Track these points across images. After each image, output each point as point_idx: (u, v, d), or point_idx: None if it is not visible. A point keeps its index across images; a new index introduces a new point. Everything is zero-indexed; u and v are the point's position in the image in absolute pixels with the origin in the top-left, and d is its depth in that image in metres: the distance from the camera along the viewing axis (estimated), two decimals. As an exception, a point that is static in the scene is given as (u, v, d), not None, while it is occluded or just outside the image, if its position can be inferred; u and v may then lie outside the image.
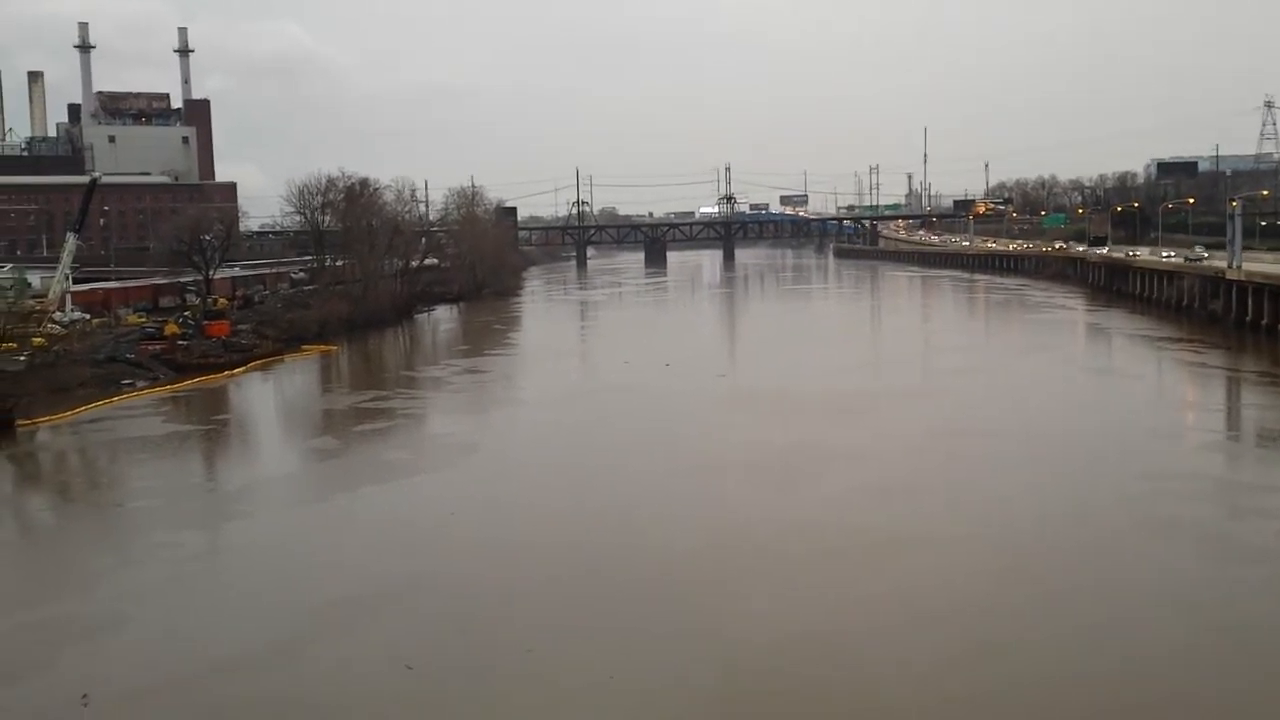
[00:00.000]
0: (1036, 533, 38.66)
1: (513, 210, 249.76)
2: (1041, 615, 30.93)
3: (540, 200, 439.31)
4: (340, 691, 27.37)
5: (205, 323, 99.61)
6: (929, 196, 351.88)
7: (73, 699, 26.70)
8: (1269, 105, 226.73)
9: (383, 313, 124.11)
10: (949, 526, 39.51)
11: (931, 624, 30.30)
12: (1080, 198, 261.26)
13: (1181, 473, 46.57)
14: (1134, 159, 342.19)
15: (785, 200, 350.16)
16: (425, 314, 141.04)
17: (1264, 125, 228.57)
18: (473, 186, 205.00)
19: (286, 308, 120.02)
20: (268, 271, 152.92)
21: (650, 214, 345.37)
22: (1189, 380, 75.58)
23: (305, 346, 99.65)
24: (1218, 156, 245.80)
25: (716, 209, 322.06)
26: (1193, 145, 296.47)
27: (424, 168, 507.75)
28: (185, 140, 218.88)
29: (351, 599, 33.61)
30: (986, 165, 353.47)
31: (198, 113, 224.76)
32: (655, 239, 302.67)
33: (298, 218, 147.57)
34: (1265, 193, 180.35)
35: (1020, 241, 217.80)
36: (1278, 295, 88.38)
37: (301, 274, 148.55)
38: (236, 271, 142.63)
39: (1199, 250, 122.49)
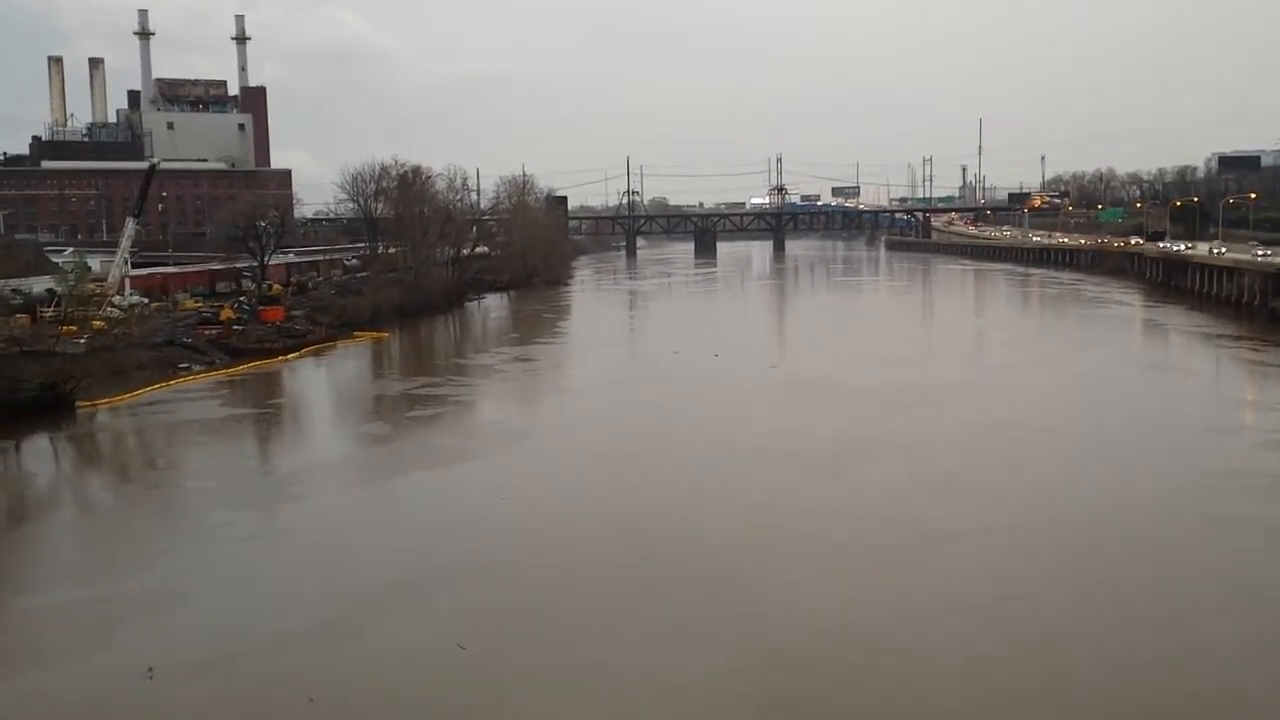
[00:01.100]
0: (1089, 526, 38.31)
1: (563, 199, 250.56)
2: (1093, 609, 30.70)
3: (591, 190, 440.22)
4: (395, 668, 27.73)
5: (260, 308, 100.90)
6: (983, 189, 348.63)
7: (138, 671, 27.28)
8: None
9: (434, 300, 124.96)
10: (1001, 518, 39.23)
11: (980, 615, 30.22)
12: (1138, 192, 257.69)
13: (1240, 470, 45.86)
14: (1195, 153, 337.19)
15: (837, 191, 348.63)
16: (476, 302, 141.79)
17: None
18: (524, 175, 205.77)
19: (340, 294, 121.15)
20: (321, 258, 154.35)
21: (700, 204, 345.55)
22: (1248, 378, 74.34)
23: (358, 333, 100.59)
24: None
25: (767, 200, 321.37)
26: (1257, 139, 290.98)
27: (476, 156, 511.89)
28: (241, 127, 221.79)
29: (405, 580, 34.14)
30: (1043, 157, 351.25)
31: (254, 100, 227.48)
32: (705, 229, 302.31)
33: (351, 205, 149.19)
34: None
35: (1076, 236, 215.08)
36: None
37: (355, 261, 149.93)
38: (291, 258, 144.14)
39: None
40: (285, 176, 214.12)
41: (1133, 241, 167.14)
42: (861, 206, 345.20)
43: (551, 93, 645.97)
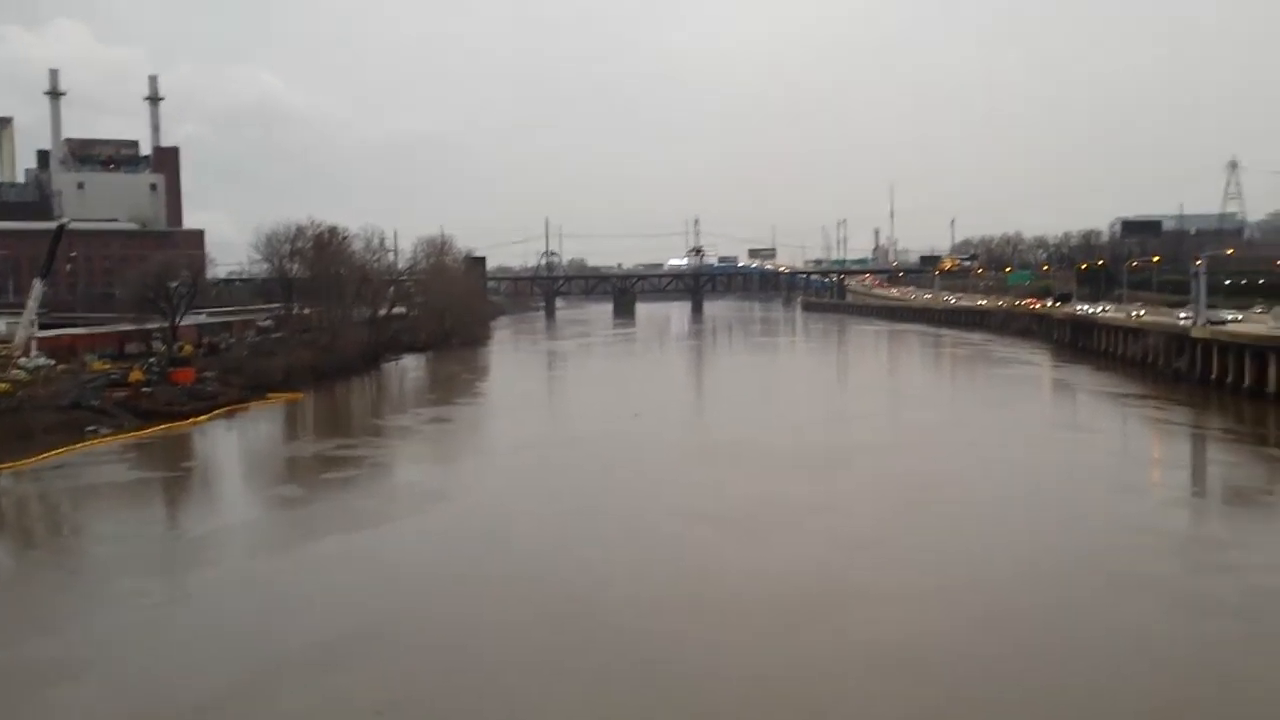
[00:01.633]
0: (1003, 586, 38.91)
1: (482, 260, 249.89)
2: (1008, 667, 31.15)
3: (509, 250, 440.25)
4: None
5: (170, 370, 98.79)
6: (895, 252, 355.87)
7: None
8: (1233, 166, 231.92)
9: (350, 361, 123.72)
10: (916, 579, 39.63)
11: (899, 674, 30.45)
12: (1045, 255, 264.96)
13: (1147, 528, 46.98)
14: (1099, 217, 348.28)
15: (753, 253, 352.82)
16: (393, 363, 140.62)
17: (1228, 185, 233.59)
18: (442, 236, 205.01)
19: (252, 355, 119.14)
20: (234, 319, 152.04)
21: (619, 265, 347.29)
22: (1153, 436, 76.44)
23: (271, 394, 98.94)
24: (1182, 215, 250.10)
25: (685, 261, 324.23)
26: (1157, 205, 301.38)
27: (395, 216, 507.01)
28: (153, 187, 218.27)
29: (320, 644, 33.47)
30: (953, 221, 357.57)
31: (166, 160, 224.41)
32: (624, 290, 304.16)
33: (265, 265, 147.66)
34: (1230, 251, 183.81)
35: (990, 298, 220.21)
36: (1242, 354, 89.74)
37: (269, 322, 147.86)
38: (203, 319, 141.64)
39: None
40: (198, 236, 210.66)
41: (1049, 304, 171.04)
42: (778, 268, 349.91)
43: (471, 154, 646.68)
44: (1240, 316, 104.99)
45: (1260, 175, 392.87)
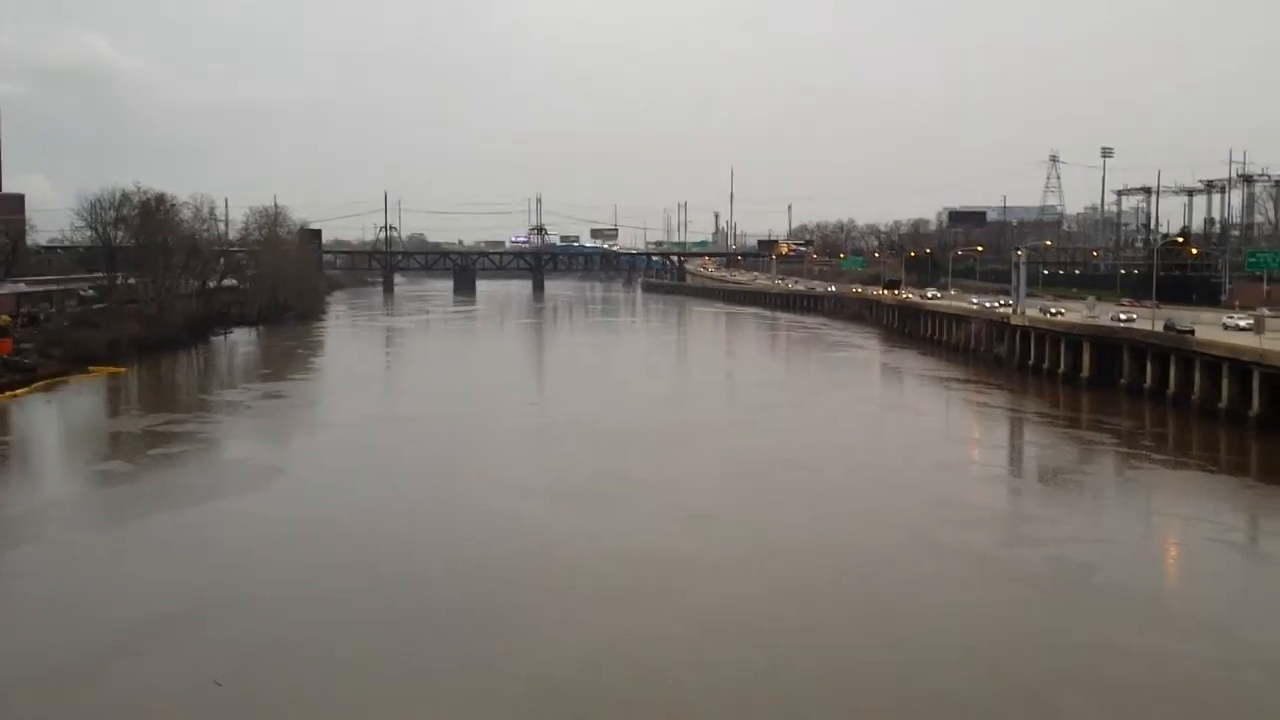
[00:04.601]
0: (831, 557, 40.58)
1: (317, 233, 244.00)
2: (833, 632, 32.71)
3: (348, 224, 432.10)
4: (151, 706, 26.98)
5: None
6: (735, 235, 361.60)
7: None
8: (1054, 160, 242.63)
9: (177, 334, 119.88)
10: (749, 550, 41.02)
11: (735, 644, 31.48)
12: (877, 242, 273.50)
13: (964, 503, 49.45)
14: (928, 207, 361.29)
15: (596, 233, 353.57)
16: (223, 336, 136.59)
17: (1048, 179, 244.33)
18: (276, 206, 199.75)
19: (74, 326, 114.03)
20: (56, 288, 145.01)
21: (460, 242, 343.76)
22: (973, 418, 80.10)
23: (94, 368, 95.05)
24: (1005, 207, 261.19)
25: (527, 239, 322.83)
26: (983, 196, 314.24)
27: (229, 186, 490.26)
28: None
29: (150, 621, 32.83)
30: (789, 207, 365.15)
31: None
32: (465, 267, 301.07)
33: (89, 233, 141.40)
34: (1048, 242, 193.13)
35: (821, 283, 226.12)
36: (1058, 341, 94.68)
37: (91, 292, 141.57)
38: (21, 287, 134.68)
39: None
40: (17, 201, 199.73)
41: (899, 293, 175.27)
42: (619, 249, 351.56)
43: (309, 124, 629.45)
44: (1063, 312, 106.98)
45: (1080, 170, 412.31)
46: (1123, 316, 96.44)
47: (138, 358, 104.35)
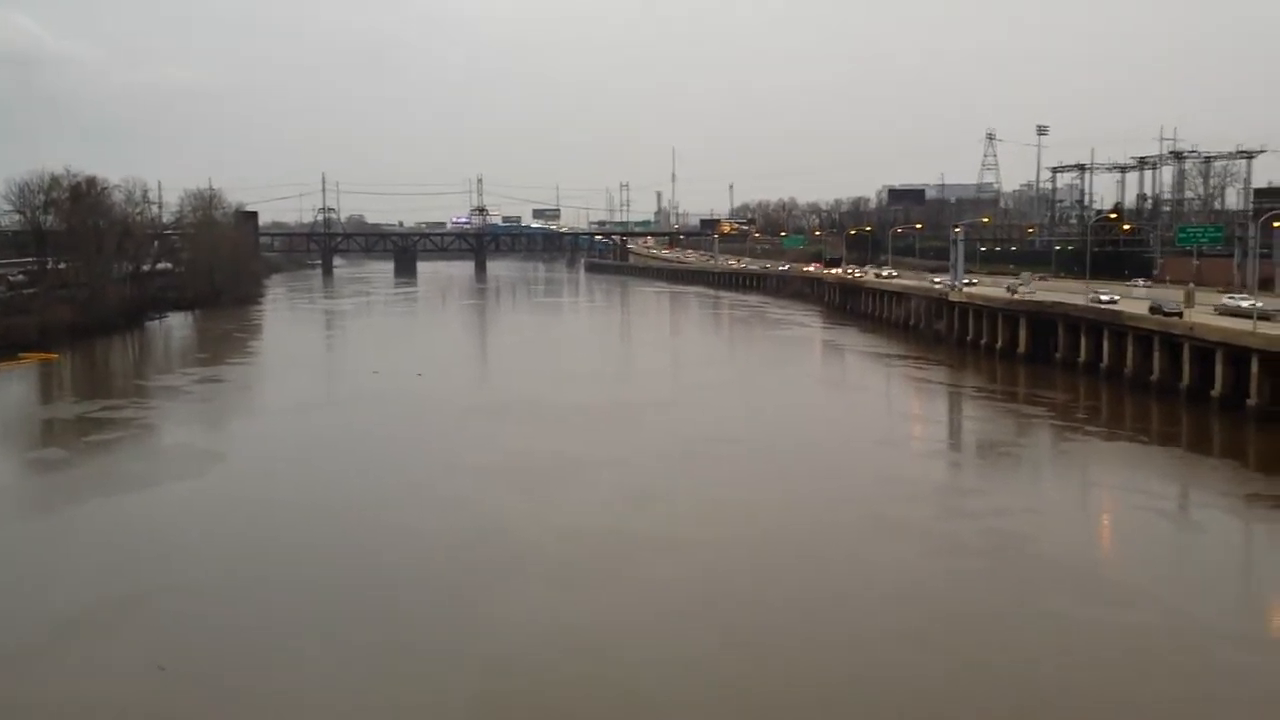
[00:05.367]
0: (775, 534, 40.88)
1: (254, 215, 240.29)
2: (780, 607, 32.96)
3: (285, 205, 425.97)
4: (93, 688, 27.04)
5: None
6: (677, 215, 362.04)
7: None
8: (990, 138, 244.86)
9: (111, 319, 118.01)
10: (698, 528, 41.20)
11: (684, 620, 31.73)
12: (818, 220, 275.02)
13: (904, 478, 50.04)
14: (868, 185, 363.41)
15: (538, 214, 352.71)
16: (158, 321, 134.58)
17: (985, 156, 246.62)
18: (210, 189, 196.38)
19: (3, 312, 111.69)
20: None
21: (401, 223, 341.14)
22: (914, 393, 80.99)
23: (24, 355, 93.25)
24: (944, 185, 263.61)
25: (469, 220, 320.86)
26: (922, 174, 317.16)
27: (163, 169, 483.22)
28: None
29: (91, 607, 32.57)
30: (731, 186, 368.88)
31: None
32: (406, 249, 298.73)
33: (17, 217, 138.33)
34: (986, 219, 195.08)
35: (764, 261, 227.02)
36: (994, 317, 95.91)
37: (21, 277, 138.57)
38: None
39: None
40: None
41: (844, 271, 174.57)
42: (562, 229, 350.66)
43: (244, 105, 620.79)
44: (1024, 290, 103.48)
45: (1016, 147, 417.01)
46: (1105, 298, 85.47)
47: (71, 344, 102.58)
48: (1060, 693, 27.15)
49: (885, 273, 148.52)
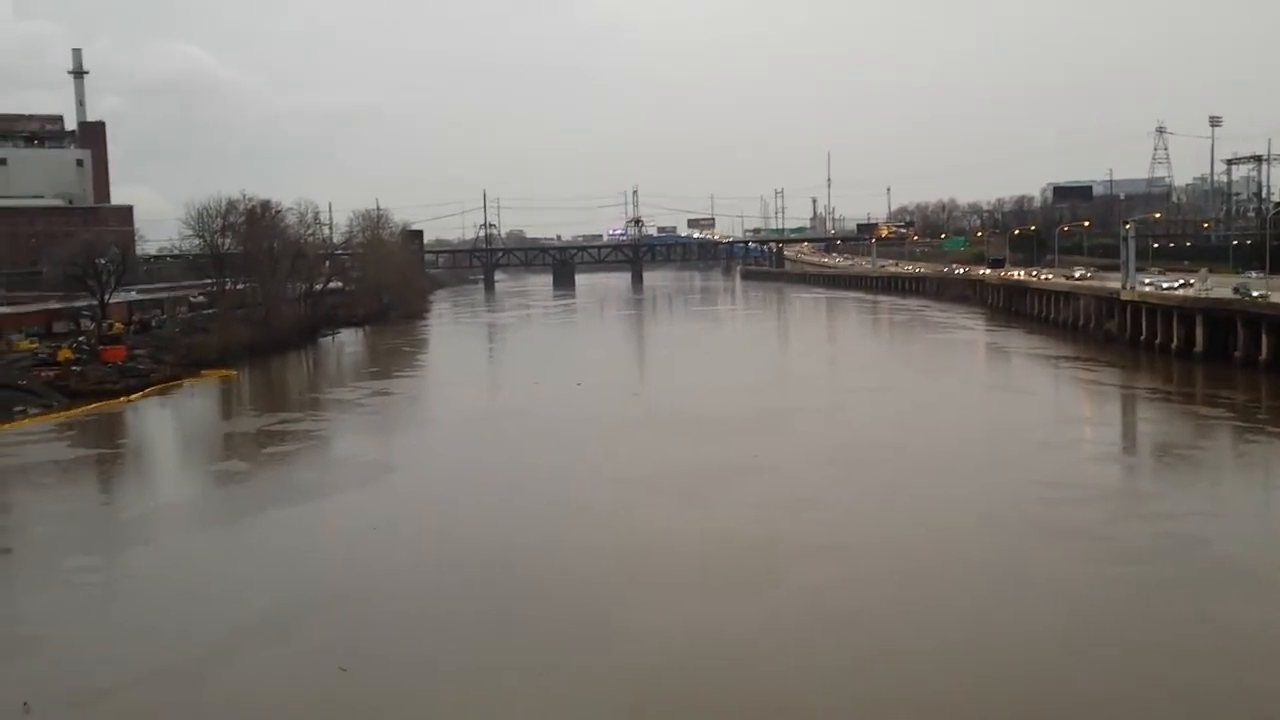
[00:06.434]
0: (938, 540, 39.91)
1: (419, 233, 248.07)
2: (940, 617, 32.05)
3: (448, 223, 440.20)
4: (280, 690, 28.21)
5: (101, 348, 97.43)
6: (833, 220, 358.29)
7: (12, 707, 27.00)
8: (1160, 131, 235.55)
9: (286, 336, 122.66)
10: (856, 535, 40.62)
11: (840, 629, 31.29)
12: (979, 221, 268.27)
13: (1073, 482, 48.22)
14: (1031, 183, 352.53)
15: (692, 223, 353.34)
16: (330, 337, 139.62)
17: (1155, 150, 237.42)
18: (378, 209, 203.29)
19: (185, 332, 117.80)
20: (166, 295, 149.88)
21: (558, 236, 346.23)
22: (1083, 396, 78.18)
23: (205, 371, 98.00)
24: (1112, 180, 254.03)
25: (624, 232, 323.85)
26: (1088, 170, 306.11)
27: (329, 191, 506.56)
28: (80, 163, 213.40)
29: (275, 612, 33.85)
30: (889, 189, 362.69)
31: (92, 135, 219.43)
32: (563, 261, 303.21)
33: (197, 241, 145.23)
34: (1158, 215, 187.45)
35: (922, 264, 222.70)
36: (1169, 316, 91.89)
37: (201, 298, 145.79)
38: (133, 296, 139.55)
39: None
40: (126, 212, 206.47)
41: (984, 270, 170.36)
42: (717, 238, 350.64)
43: (406, 127, 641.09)
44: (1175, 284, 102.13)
45: (1187, 140, 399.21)
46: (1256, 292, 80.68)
47: (249, 361, 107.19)
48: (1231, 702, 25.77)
49: (1078, 274, 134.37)
